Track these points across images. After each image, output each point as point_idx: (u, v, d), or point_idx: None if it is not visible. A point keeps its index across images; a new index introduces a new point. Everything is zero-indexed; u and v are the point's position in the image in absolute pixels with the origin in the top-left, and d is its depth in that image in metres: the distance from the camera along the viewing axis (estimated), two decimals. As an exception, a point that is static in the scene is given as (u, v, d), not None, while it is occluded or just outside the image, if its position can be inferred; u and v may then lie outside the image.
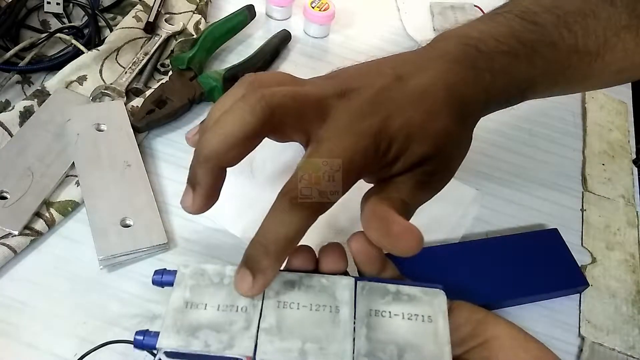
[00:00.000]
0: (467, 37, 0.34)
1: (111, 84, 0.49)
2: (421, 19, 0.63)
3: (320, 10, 0.57)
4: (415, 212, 0.31)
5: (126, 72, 0.50)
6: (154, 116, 0.47)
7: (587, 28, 0.35)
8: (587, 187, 0.51)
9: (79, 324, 0.36)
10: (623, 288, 0.44)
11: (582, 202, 0.49)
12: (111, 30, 0.54)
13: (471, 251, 0.43)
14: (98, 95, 0.48)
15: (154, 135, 0.48)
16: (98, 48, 0.51)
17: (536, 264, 0.43)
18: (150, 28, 0.54)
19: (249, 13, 0.57)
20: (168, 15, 0.57)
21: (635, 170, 0.53)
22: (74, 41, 0.51)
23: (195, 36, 0.55)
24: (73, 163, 0.43)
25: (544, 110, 0.56)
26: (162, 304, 0.37)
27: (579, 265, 0.44)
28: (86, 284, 0.38)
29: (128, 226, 0.40)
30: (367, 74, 0.32)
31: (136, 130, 0.46)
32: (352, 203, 0.31)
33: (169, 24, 0.56)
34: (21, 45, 0.50)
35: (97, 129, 0.45)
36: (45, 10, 0.55)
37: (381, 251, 0.30)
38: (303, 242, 0.29)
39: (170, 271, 0.31)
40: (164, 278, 0.31)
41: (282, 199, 0.28)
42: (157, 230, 0.40)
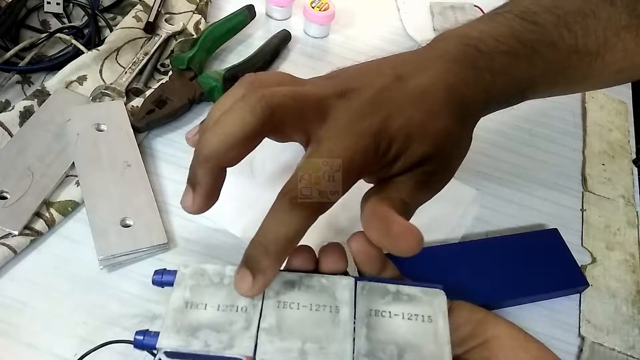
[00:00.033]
0: (467, 37, 0.34)
1: (111, 84, 0.49)
2: (421, 19, 0.63)
3: (320, 10, 0.57)
4: (415, 212, 0.31)
5: (126, 72, 0.50)
6: (154, 116, 0.47)
7: (587, 28, 0.35)
8: (587, 187, 0.51)
9: (79, 324, 0.36)
10: (623, 288, 0.44)
11: (582, 202, 0.49)
12: (111, 30, 0.54)
13: (471, 251, 0.43)
14: (98, 95, 0.48)
15: (154, 135, 0.48)
16: (98, 48, 0.51)
17: (536, 264, 0.43)
18: (150, 28, 0.54)
19: (249, 13, 0.57)
20: (168, 15, 0.57)
21: (635, 170, 0.53)
22: (74, 41, 0.51)
23: (195, 36, 0.55)
24: (73, 163, 0.43)
25: (544, 110, 0.56)
26: (162, 304, 0.37)
27: (579, 265, 0.44)
28: (86, 284, 0.38)
29: (128, 226, 0.40)
30: (367, 74, 0.32)
31: (136, 130, 0.46)
32: (352, 203, 0.31)
33: (169, 24, 0.56)
34: (21, 45, 0.50)
35: (97, 129, 0.45)
36: (45, 10, 0.55)
37: (381, 251, 0.30)
38: (303, 242, 0.29)
39: (170, 271, 0.31)
40: (164, 278, 0.31)
41: (282, 199, 0.28)
42: (157, 230, 0.40)
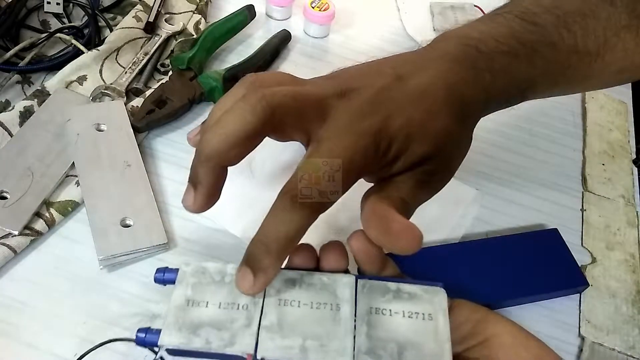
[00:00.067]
0: (467, 38, 0.34)
1: (111, 84, 0.49)
2: (421, 19, 0.63)
3: (320, 10, 0.57)
4: (415, 212, 0.31)
5: (126, 72, 0.50)
6: (154, 116, 0.47)
7: (587, 28, 0.35)
8: (587, 187, 0.51)
9: (79, 324, 0.36)
10: (623, 288, 0.44)
11: (582, 202, 0.49)
12: (111, 30, 0.54)
13: (471, 251, 0.43)
14: (98, 95, 0.48)
15: (154, 135, 0.48)
16: (98, 48, 0.51)
17: (536, 264, 0.43)
18: (150, 28, 0.54)
19: (249, 13, 0.57)
20: (168, 15, 0.57)
21: (635, 170, 0.53)
22: (74, 41, 0.51)
23: (195, 36, 0.55)
24: (73, 163, 0.43)
25: (544, 110, 0.56)
26: (162, 304, 0.37)
27: (579, 265, 0.44)
28: (86, 284, 0.38)
29: (128, 226, 0.40)
30: (368, 74, 0.32)
31: (136, 130, 0.46)
32: (353, 202, 0.31)
33: (169, 24, 0.56)
34: (21, 45, 0.50)
35: (97, 129, 0.45)
36: (45, 10, 0.55)
37: (381, 250, 0.30)
38: (303, 241, 0.29)
39: (172, 269, 0.31)
40: (166, 276, 0.31)
41: (283, 198, 0.28)
42: (157, 230, 0.40)
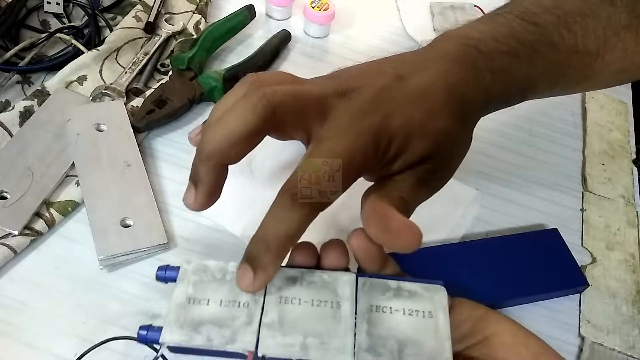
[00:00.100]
0: (468, 38, 0.34)
1: (111, 84, 0.49)
2: (421, 19, 0.64)
3: (320, 10, 0.57)
4: (415, 212, 0.31)
5: (126, 72, 0.50)
6: (154, 116, 0.47)
7: (587, 28, 0.35)
8: (587, 187, 0.51)
9: (79, 324, 0.36)
10: (623, 288, 0.44)
11: (582, 202, 0.49)
12: (111, 30, 0.54)
13: (471, 251, 0.43)
14: (98, 95, 0.48)
15: (154, 135, 0.48)
16: (98, 48, 0.51)
17: (536, 264, 0.43)
18: (150, 28, 0.54)
19: (249, 13, 0.57)
20: (168, 15, 0.57)
21: (635, 170, 0.53)
22: (74, 41, 0.51)
23: (195, 36, 0.55)
24: (73, 163, 0.43)
25: (544, 110, 0.56)
26: (162, 304, 0.37)
27: (579, 265, 0.44)
28: (86, 284, 0.38)
29: (128, 226, 0.40)
30: (368, 74, 0.32)
31: (136, 130, 0.46)
32: (353, 201, 0.31)
33: (169, 24, 0.56)
34: (21, 45, 0.50)
35: (97, 129, 0.45)
36: (45, 10, 0.55)
37: (381, 248, 0.30)
38: (304, 239, 0.29)
39: (173, 267, 0.31)
40: (167, 274, 0.31)
41: (283, 196, 0.28)
42: (157, 230, 0.40)
